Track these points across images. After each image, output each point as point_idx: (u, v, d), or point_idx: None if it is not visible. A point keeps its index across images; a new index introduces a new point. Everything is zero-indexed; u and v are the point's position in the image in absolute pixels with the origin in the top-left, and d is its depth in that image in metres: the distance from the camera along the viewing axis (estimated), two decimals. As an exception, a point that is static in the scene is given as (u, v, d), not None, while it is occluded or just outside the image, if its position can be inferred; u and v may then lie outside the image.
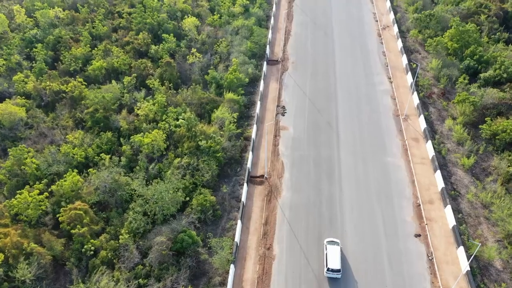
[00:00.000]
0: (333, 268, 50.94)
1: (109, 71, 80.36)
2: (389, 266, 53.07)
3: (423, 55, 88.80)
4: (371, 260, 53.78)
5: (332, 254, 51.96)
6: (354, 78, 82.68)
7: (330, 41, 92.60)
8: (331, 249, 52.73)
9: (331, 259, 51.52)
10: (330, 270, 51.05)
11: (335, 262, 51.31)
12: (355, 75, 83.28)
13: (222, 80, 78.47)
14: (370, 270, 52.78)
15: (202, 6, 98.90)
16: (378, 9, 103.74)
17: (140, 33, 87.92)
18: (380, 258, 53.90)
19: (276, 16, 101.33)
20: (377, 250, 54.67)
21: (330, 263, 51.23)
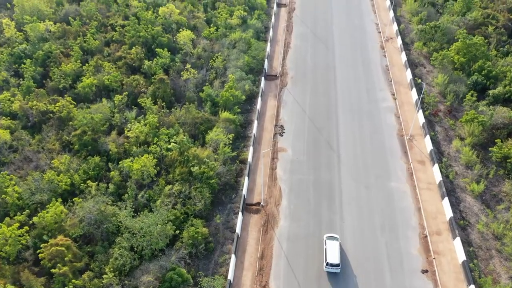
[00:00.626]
0: (332, 262, 51.19)
1: (100, 88, 76.58)
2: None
3: (428, 69, 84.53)
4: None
5: (331, 249, 52.21)
6: (356, 94, 78.52)
7: (331, 54, 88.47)
8: (330, 244, 52.85)
9: (330, 254, 51.80)
10: (329, 264, 51.36)
11: (334, 257, 51.53)
12: (357, 91, 79.12)
13: (217, 98, 74.50)
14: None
15: (199, 18, 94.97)
16: (380, 20, 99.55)
17: (133, 47, 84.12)
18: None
19: (275, 27, 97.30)
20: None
21: (329, 258, 51.47)
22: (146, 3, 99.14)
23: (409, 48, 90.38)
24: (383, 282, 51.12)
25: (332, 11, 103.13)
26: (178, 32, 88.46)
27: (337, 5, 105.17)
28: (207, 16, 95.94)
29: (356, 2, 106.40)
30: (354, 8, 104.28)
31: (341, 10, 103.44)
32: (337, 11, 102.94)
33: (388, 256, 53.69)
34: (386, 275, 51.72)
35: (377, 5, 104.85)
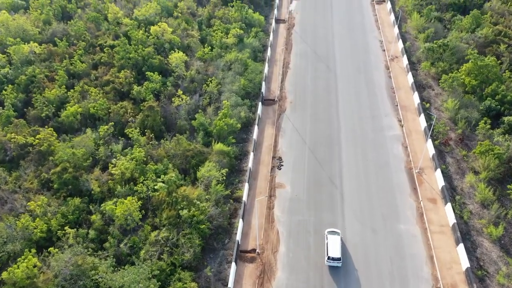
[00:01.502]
0: (334, 256, 51.34)
1: (86, 116, 70.94)
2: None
3: (437, 91, 78.45)
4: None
5: (332, 243, 52.40)
6: (360, 121, 72.52)
7: (333, 75, 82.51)
8: (331, 238, 53.02)
9: (331, 248, 52.04)
10: (330, 258, 51.52)
11: (336, 251, 51.72)
12: (361, 117, 73.10)
13: (210, 127, 68.71)
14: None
15: (193, 37, 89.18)
16: (385, 36, 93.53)
17: (122, 71, 78.42)
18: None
19: (273, 45, 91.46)
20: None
21: (331, 252, 51.72)
22: (138, 20, 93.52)
23: (416, 68, 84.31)
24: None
25: (333, 26, 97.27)
26: (170, 52, 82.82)
27: (339, 20, 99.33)
28: (201, 35, 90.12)
29: (359, 17, 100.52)
30: (357, 23, 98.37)
31: (343, 25, 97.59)
32: (339, 27, 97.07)
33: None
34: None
35: (381, 21, 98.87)
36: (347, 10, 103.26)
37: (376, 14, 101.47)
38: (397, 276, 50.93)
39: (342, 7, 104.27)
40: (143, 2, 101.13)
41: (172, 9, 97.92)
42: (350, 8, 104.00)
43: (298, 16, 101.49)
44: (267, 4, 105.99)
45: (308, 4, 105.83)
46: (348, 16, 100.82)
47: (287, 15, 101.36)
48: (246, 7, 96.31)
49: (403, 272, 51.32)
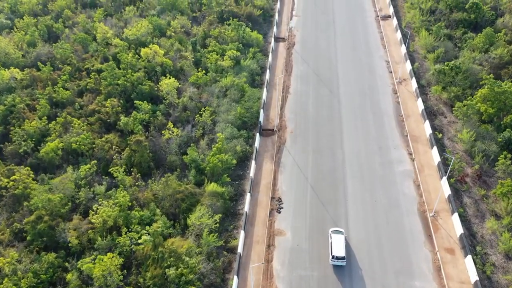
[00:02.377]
0: (338, 255, 50.63)
1: (68, 151, 64.52)
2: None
3: (449, 119, 71.70)
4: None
5: (336, 243, 51.68)
6: (367, 154, 65.80)
7: (336, 101, 75.83)
8: (335, 237, 52.38)
9: (335, 247, 51.30)
10: (335, 257, 50.80)
11: (340, 250, 51.03)
12: (368, 150, 66.39)
13: (203, 163, 62.17)
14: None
15: (186, 59, 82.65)
16: (391, 56, 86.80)
17: (109, 99, 72.01)
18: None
19: (272, 67, 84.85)
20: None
21: (335, 251, 50.97)
22: (128, 41, 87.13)
23: (426, 92, 77.58)
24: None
25: (336, 45, 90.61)
26: (162, 78, 76.33)
27: (342, 38, 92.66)
28: (195, 56, 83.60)
29: (363, 35, 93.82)
30: (361, 41, 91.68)
31: (346, 43, 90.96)
32: (342, 45, 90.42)
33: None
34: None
35: (387, 39, 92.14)
36: (350, 26, 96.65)
37: (381, 31, 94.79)
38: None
39: (345, 23, 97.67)
40: (134, 20, 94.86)
41: (165, 28, 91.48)
42: (353, 24, 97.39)
43: (298, 33, 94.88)
44: (265, 21, 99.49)
45: (309, 21, 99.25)
46: (351, 33, 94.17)
47: (287, 33, 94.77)
48: (243, 26, 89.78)
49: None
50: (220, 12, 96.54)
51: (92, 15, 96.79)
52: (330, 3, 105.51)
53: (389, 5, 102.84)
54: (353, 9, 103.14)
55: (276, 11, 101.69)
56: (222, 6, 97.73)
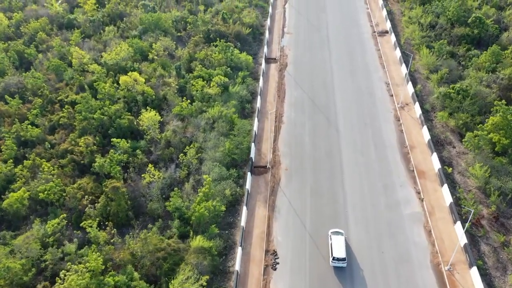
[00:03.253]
0: (339, 257, 49.44)
1: (36, 200, 56.92)
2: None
3: (458, 149, 64.95)
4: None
5: (336, 244, 50.49)
6: (371, 193, 58.70)
7: (334, 131, 68.76)
8: (335, 239, 51.15)
9: (336, 248, 50.13)
10: (335, 259, 49.60)
11: (340, 251, 49.81)
12: (371, 189, 59.29)
13: (188, 212, 54.84)
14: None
15: (169, 86, 75.30)
16: (391, 77, 79.90)
17: (83, 136, 64.54)
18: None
19: (264, 92, 77.66)
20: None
21: (335, 252, 49.77)
22: (107, 66, 79.62)
23: (431, 118, 70.79)
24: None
25: (332, 66, 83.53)
26: (143, 109, 68.92)
27: (338, 57, 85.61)
28: (180, 83, 76.22)
29: (360, 53, 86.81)
30: (358, 61, 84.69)
31: (342, 64, 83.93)
32: (338, 66, 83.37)
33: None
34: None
35: (386, 57, 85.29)
36: (346, 44, 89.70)
37: (379, 48, 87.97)
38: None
39: (341, 41, 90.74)
40: (114, 42, 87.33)
41: (147, 51, 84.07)
42: (349, 41, 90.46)
43: (291, 53, 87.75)
44: (255, 39, 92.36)
45: (302, 38, 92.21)
46: (348, 52, 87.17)
47: (278, 53, 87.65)
48: (231, 47, 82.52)
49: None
50: (206, 32, 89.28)
51: (68, 37, 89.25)
52: (323, 18, 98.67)
53: (386, 19, 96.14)
54: (348, 24, 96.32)
55: (267, 28, 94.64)
56: (209, 25, 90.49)
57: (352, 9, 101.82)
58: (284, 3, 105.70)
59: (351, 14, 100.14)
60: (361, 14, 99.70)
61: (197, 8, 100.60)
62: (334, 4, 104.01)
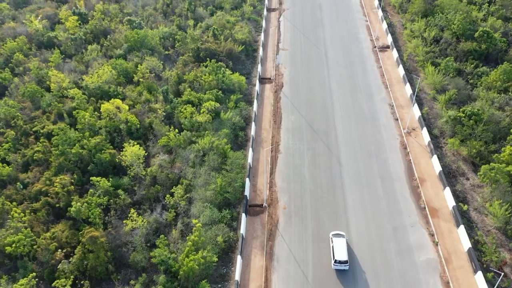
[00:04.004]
0: (340, 259, 48.13)
1: (3, 253, 50.17)
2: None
3: (472, 181, 58.80)
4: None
5: (338, 246, 49.14)
6: (379, 236, 52.24)
7: (336, 162, 62.35)
8: (337, 241, 49.74)
9: (337, 251, 48.78)
10: (337, 262, 48.30)
11: (342, 254, 48.51)
12: (380, 233, 52.60)
13: (176, 264, 48.28)
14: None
15: (156, 113, 68.68)
16: (395, 99, 73.64)
17: (60, 174, 57.84)
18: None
19: (258, 118, 71.14)
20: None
21: (337, 255, 48.49)
22: (88, 90, 72.93)
23: (440, 145, 64.62)
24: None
25: (331, 86, 77.18)
26: (126, 144, 62.21)
27: (337, 77, 79.17)
28: (167, 109, 69.60)
29: (361, 71, 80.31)
30: (359, 80, 78.25)
31: (342, 84, 77.53)
32: (338, 86, 76.96)
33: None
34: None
35: (388, 75, 79.11)
36: (346, 61, 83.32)
37: (380, 65, 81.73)
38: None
39: (340, 57, 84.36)
40: (98, 63, 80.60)
41: (131, 72, 77.39)
42: (349, 58, 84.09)
43: (287, 72, 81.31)
44: (248, 57, 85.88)
45: (298, 55, 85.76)
46: (348, 70, 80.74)
47: (273, 71, 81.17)
48: (223, 68, 75.89)
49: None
50: (196, 50, 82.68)
51: (48, 58, 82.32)
52: (320, 32, 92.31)
53: (386, 33, 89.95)
54: (347, 38, 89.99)
55: (260, 44, 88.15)
56: (198, 42, 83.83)
57: (351, 22, 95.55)
58: (278, 16, 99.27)
59: (349, 27, 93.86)
60: (360, 27, 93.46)
61: (186, 23, 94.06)
62: (332, 16, 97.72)
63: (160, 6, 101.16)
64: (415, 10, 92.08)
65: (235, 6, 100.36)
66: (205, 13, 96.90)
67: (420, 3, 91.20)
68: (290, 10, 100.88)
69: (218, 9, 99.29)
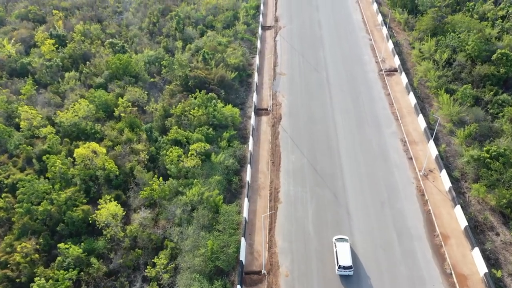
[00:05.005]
0: (345, 265, 45.50)
1: None
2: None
3: (503, 237, 50.04)
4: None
5: (342, 251, 46.50)
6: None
7: (345, 213, 53.57)
8: (340, 246, 47.08)
9: (341, 256, 46.17)
10: (341, 267, 45.71)
11: (346, 259, 45.86)
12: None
13: None
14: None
15: (138, 156, 59.75)
16: (407, 133, 64.93)
17: (23, 238, 48.85)
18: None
19: (255, 157, 62.35)
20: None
21: (341, 260, 45.88)
22: (63, 128, 64.00)
23: (463, 190, 55.96)
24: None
25: (335, 118, 68.16)
26: (106, 183, 53.33)
27: (342, 107, 70.17)
28: (151, 151, 60.66)
29: (367, 100, 71.24)
30: (366, 110, 69.25)
31: (348, 115, 68.48)
32: (342, 119, 67.94)
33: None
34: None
35: (398, 105, 70.35)
36: (350, 87, 74.43)
37: (388, 92, 73.01)
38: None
39: (343, 83, 75.47)
40: (75, 94, 71.68)
41: (112, 105, 68.43)
42: (353, 83, 75.21)
43: (285, 101, 72.50)
44: (242, 83, 77.01)
45: (297, 81, 76.80)
46: (353, 98, 71.76)
47: (270, 101, 72.35)
48: (214, 100, 66.94)
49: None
50: (184, 78, 73.71)
51: (20, 88, 73.24)
52: (321, 53, 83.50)
53: (393, 53, 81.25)
54: (350, 60, 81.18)
55: (255, 68, 79.31)
56: (187, 69, 74.86)
57: (353, 41, 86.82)
58: (274, 34, 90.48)
59: (352, 47, 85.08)
60: (364, 47, 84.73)
61: (174, 44, 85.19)
62: (332, 35, 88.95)
63: (146, 25, 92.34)
64: (423, 28, 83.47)
65: (227, 25, 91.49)
66: (194, 33, 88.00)
67: (429, 21, 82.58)
68: (287, 28, 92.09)
69: (209, 28, 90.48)
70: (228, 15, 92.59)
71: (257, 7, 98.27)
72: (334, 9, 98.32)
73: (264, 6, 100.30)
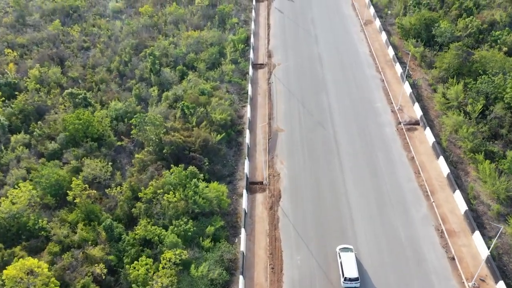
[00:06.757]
0: (351, 277, 41.50)
1: None
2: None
3: None
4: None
5: (347, 262, 42.89)
6: None
7: None
8: (345, 256, 43.36)
9: (346, 267, 42.47)
10: (347, 279, 41.69)
11: (352, 270, 42.02)
12: None
13: None
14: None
15: (94, 266, 43.75)
16: (443, 217, 49.21)
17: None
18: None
19: (249, 260, 46.52)
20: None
21: (347, 272, 42.04)
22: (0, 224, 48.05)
23: (499, 254, 41.11)
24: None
25: (349, 197, 52.07)
26: None
27: (355, 178, 54.43)
28: (111, 260, 44.66)
29: (386, 168, 55.43)
30: (386, 183, 53.29)
31: (363, 190, 52.65)
32: (358, 195, 52.20)
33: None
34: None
35: (426, 175, 54.13)
36: (363, 146, 58.77)
37: (412, 155, 57.63)
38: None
39: (355, 141, 59.70)
40: (23, 165, 55.84)
41: (65, 185, 52.42)
42: (366, 141, 59.49)
43: (284, 170, 56.74)
44: (231, 144, 61.07)
45: (297, 139, 60.85)
46: (368, 165, 55.72)
47: (266, 171, 56.70)
48: (194, 180, 50.90)
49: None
50: (158, 143, 57.83)
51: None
52: (324, 99, 67.92)
53: (411, 99, 65.95)
54: (360, 109, 65.40)
55: (247, 122, 63.62)
56: (161, 129, 58.97)
57: (362, 82, 71.31)
58: (268, 75, 74.78)
59: (362, 90, 69.46)
60: (376, 91, 69.25)
61: (148, 91, 69.41)
62: (337, 74, 73.32)
63: (115, 66, 76.20)
64: (445, 67, 68.47)
65: (211, 64, 75.56)
66: (173, 76, 71.86)
67: (453, 58, 67.32)
68: (282, 66, 76.35)
69: (190, 69, 74.57)
70: (212, 52, 76.54)
71: (246, 39, 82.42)
72: (336, 40, 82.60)
73: (255, 37, 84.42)
